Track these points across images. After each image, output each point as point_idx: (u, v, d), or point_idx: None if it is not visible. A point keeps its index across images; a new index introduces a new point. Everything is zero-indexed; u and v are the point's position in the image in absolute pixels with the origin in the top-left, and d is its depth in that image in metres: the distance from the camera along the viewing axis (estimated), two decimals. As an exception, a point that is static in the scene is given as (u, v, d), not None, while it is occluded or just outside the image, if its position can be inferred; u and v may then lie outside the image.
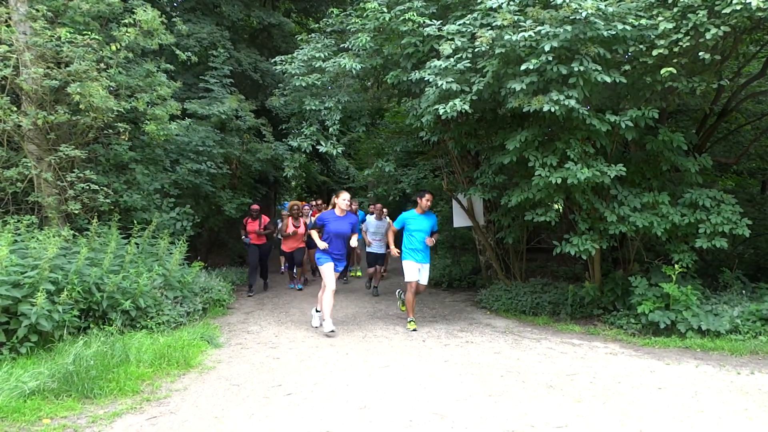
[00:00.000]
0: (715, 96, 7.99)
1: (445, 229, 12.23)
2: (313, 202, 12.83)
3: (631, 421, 4.09)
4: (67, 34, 7.53)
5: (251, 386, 4.89)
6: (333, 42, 9.76)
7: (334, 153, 9.06)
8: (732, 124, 9.36)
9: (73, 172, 7.55)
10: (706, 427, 3.98)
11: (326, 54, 9.29)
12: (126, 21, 8.27)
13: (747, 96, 8.43)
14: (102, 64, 7.76)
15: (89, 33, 7.74)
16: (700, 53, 6.14)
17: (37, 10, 7.48)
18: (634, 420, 4.11)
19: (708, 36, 5.95)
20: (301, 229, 10.67)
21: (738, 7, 5.73)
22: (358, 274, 13.08)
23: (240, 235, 10.73)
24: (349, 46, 8.79)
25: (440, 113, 6.98)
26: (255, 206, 10.64)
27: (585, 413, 4.25)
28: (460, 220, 10.31)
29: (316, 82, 9.08)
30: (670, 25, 6.20)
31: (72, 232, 7.03)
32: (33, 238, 6.26)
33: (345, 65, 8.41)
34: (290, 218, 10.68)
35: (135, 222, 7.85)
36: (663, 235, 6.98)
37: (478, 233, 10.13)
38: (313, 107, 9.14)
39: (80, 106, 7.31)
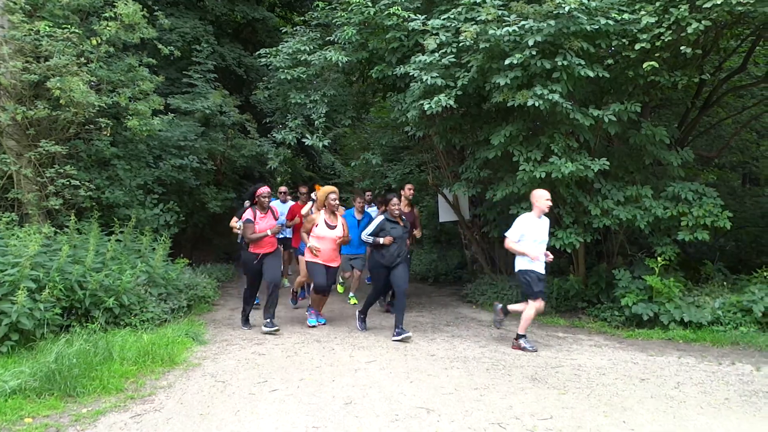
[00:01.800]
0: (697, 90, 8.08)
1: (431, 224, 12.26)
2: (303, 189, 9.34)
3: (615, 412, 4.14)
4: (46, 27, 7.40)
5: (237, 383, 4.87)
6: (318, 35, 9.71)
7: (320, 145, 9.02)
8: (713, 118, 9.47)
9: (53, 168, 7.44)
10: (688, 417, 4.04)
11: (311, 47, 9.25)
12: (107, 15, 8.14)
13: (728, 90, 8.53)
14: (82, 59, 7.64)
15: (69, 27, 7.61)
16: (682, 47, 6.19)
17: (15, 3, 7.34)
18: (618, 411, 4.15)
19: (689, 30, 6.01)
20: (341, 231, 6.99)
21: (719, 2, 5.78)
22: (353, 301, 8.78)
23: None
24: (335, 39, 8.76)
25: (425, 108, 6.99)
26: (265, 188, 6.89)
27: (569, 405, 4.29)
28: (445, 214, 10.33)
29: (302, 75, 9.03)
30: (653, 20, 6.25)
31: (53, 228, 6.93)
32: (13, 235, 6.16)
33: (331, 58, 8.38)
34: (324, 211, 6.98)
35: (117, 219, 7.76)
36: (646, 228, 7.05)
37: (463, 228, 10.16)
38: (299, 101, 9.09)
39: (60, 101, 7.19)
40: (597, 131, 7.23)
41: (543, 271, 6.14)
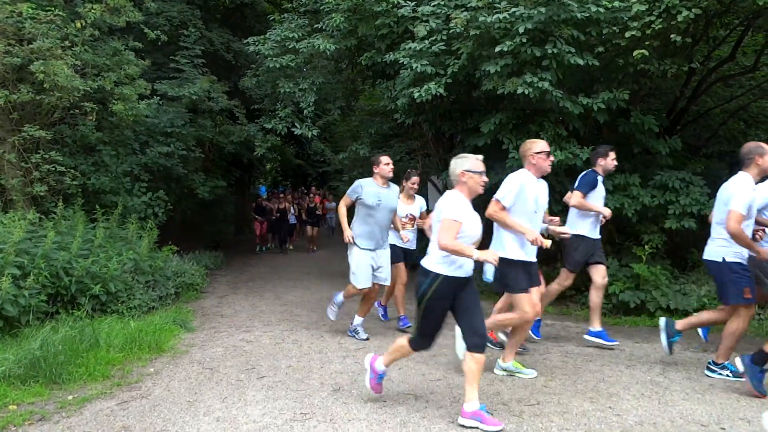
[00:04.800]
0: (686, 79, 8.09)
1: (421, 212, 12.23)
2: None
3: (601, 398, 4.17)
4: (29, 9, 7.27)
5: (224, 370, 4.85)
6: (306, 22, 9.61)
7: (310, 135, 8.98)
8: (702, 107, 9.49)
9: (38, 153, 7.33)
10: (674, 403, 4.07)
11: (300, 34, 9.16)
12: (91, -3, 8.02)
13: (717, 80, 8.55)
14: (67, 42, 7.52)
15: (53, 9, 7.49)
16: (672, 36, 6.19)
17: (-3, -15, 7.21)
18: (604, 397, 4.18)
19: (680, 18, 6.00)
20: None
21: (709, -10, 5.79)
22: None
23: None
24: (323, 27, 8.67)
25: (415, 97, 6.95)
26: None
27: (556, 391, 4.32)
28: (435, 202, 10.31)
29: (290, 63, 8.95)
30: (643, 7, 6.24)
31: (38, 215, 6.84)
32: (-3, 221, 6.08)
33: (319, 46, 8.30)
34: None
35: (103, 205, 7.68)
36: (634, 217, 7.09)
37: (453, 216, 10.14)
38: (287, 89, 9.01)
39: (44, 85, 7.08)
40: (586, 120, 7.23)
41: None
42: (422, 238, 6.23)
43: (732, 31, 8.06)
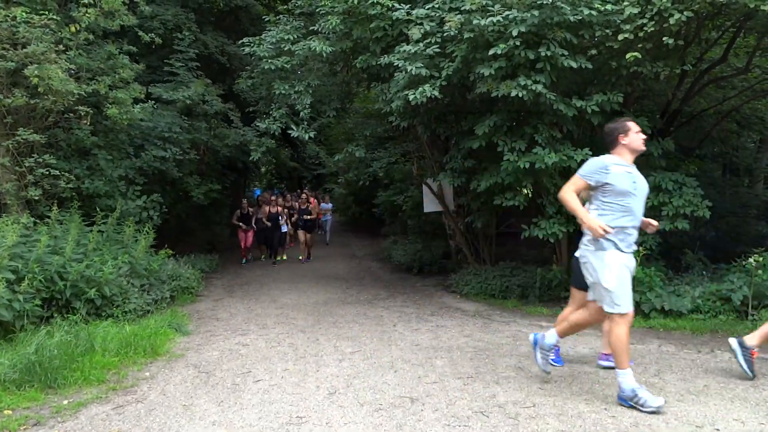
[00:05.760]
0: (679, 81, 8.14)
1: (416, 214, 12.27)
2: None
3: (596, 399, 4.18)
4: (23, 14, 7.26)
5: (220, 373, 4.85)
6: (302, 24, 9.62)
7: (306, 137, 8.98)
8: (695, 108, 9.54)
9: (32, 157, 7.32)
10: (668, 404, 4.08)
11: (295, 36, 9.17)
12: (86, 1, 8.00)
13: (709, 81, 8.60)
14: (61, 46, 7.52)
15: (47, 13, 7.48)
16: (664, 38, 6.23)
17: (-10, -11, 7.19)
18: (599, 399, 4.20)
19: (672, 21, 6.04)
20: None
21: (700, -8, 5.82)
22: None
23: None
24: (319, 29, 8.68)
25: (410, 99, 6.97)
26: None
27: (552, 393, 4.33)
28: (430, 205, 10.36)
29: (285, 65, 8.96)
30: (635, 10, 6.27)
31: (32, 219, 6.83)
32: (-10, 226, 6.06)
33: (315, 48, 8.31)
34: None
35: (98, 209, 7.67)
36: (628, 218, 7.11)
37: (448, 218, 10.18)
38: (283, 91, 9.01)
39: (39, 89, 7.07)
40: (580, 121, 7.26)
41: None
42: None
43: (724, 33, 8.11)
